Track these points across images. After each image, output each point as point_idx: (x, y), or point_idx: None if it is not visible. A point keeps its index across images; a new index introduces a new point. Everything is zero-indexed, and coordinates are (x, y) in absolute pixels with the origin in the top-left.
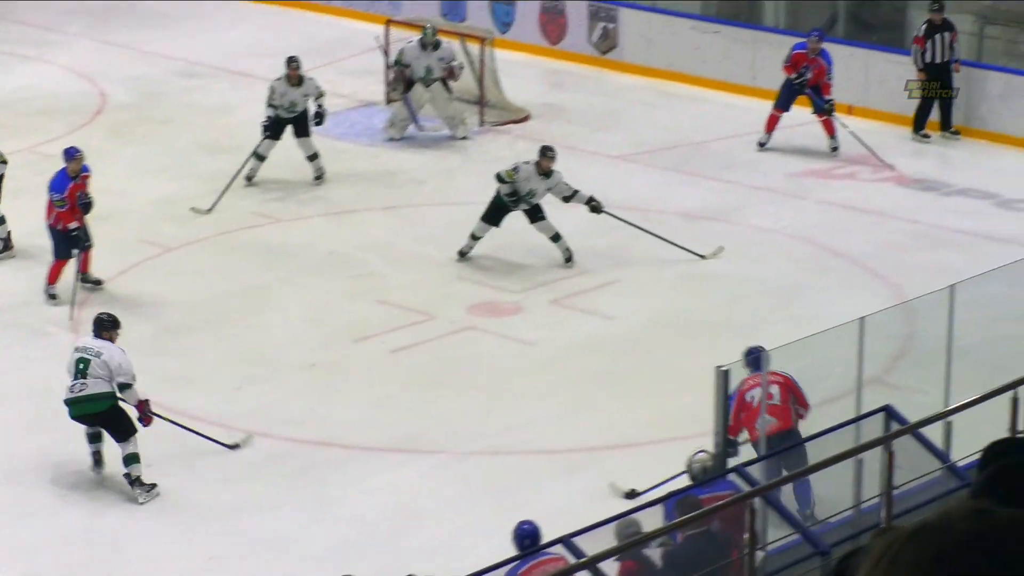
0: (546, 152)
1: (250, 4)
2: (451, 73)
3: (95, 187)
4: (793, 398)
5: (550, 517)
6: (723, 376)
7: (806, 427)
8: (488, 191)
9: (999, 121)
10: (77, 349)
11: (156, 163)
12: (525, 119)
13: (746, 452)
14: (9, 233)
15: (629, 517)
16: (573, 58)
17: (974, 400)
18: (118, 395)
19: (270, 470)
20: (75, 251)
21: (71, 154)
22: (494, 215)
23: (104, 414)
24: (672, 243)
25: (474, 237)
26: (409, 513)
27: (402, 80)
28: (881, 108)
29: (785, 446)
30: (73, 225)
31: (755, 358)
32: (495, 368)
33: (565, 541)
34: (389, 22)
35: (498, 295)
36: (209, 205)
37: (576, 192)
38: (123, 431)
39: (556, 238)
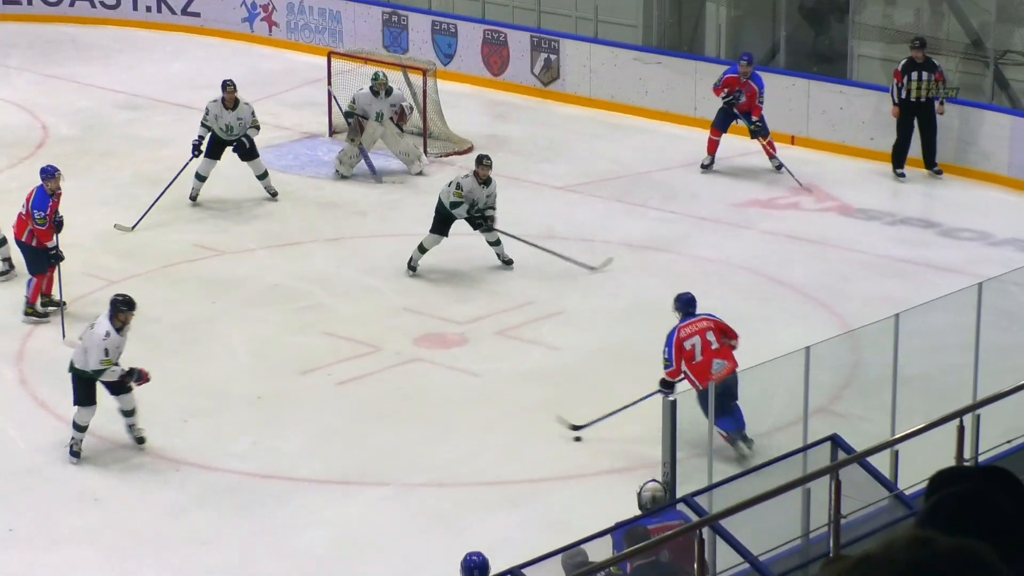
0: (482, 161)
1: (192, 36)
2: (402, 116)
3: None
4: (725, 336)
5: (498, 548)
6: (671, 406)
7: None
8: (427, 224)
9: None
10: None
11: (98, 195)
12: (468, 150)
13: (695, 425)
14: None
15: (577, 547)
16: (516, 89)
17: (920, 428)
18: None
19: (216, 503)
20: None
21: (50, 172)
22: (441, 226)
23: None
24: (564, 257)
25: (422, 249)
26: (356, 546)
27: (359, 129)
28: (823, 138)
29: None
30: (51, 243)
31: (686, 301)
32: (442, 400)
33: (514, 572)
34: (331, 54)
35: (444, 326)
36: (133, 223)
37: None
38: (116, 388)
39: (497, 243)
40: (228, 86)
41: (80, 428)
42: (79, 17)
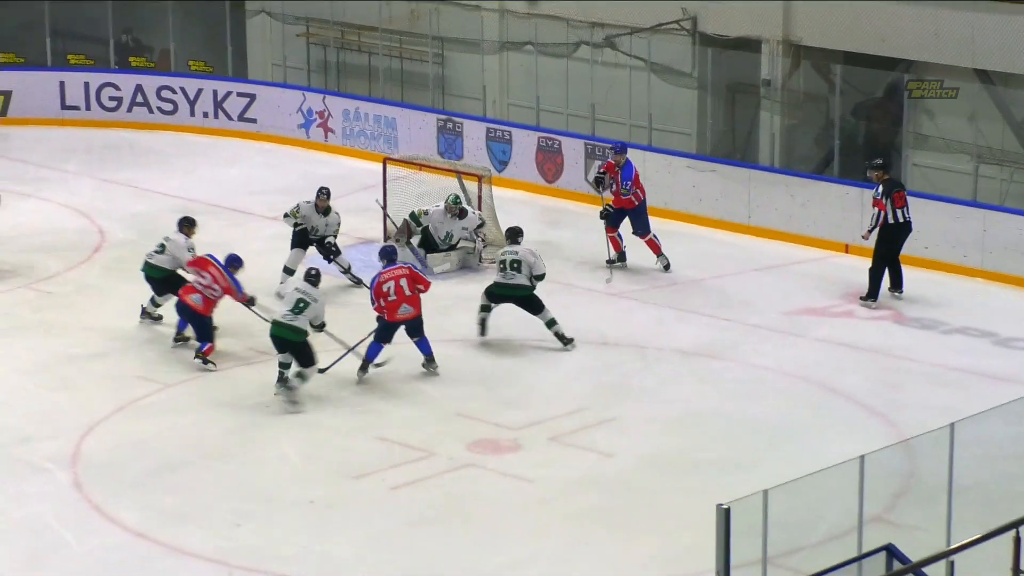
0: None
1: (248, 142)
2: (480, 238)
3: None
4: (418, 285)
5: None
6: (724, 515)
7: (806, 564)
8: (488, 327)
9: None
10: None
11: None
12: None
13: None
14: None
15: None
16: (570, 196)
17: (976, 539)
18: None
19: None
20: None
21: (239, 262)
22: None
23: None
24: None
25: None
26: None
27: (406, 231)
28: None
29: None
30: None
31: (389, 252)
32: (494, 505)
33: None
34: (386, 160)
35: (497, 432)
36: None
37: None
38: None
39: (552, 323)
40: (322, 193)
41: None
42: (137, 122)
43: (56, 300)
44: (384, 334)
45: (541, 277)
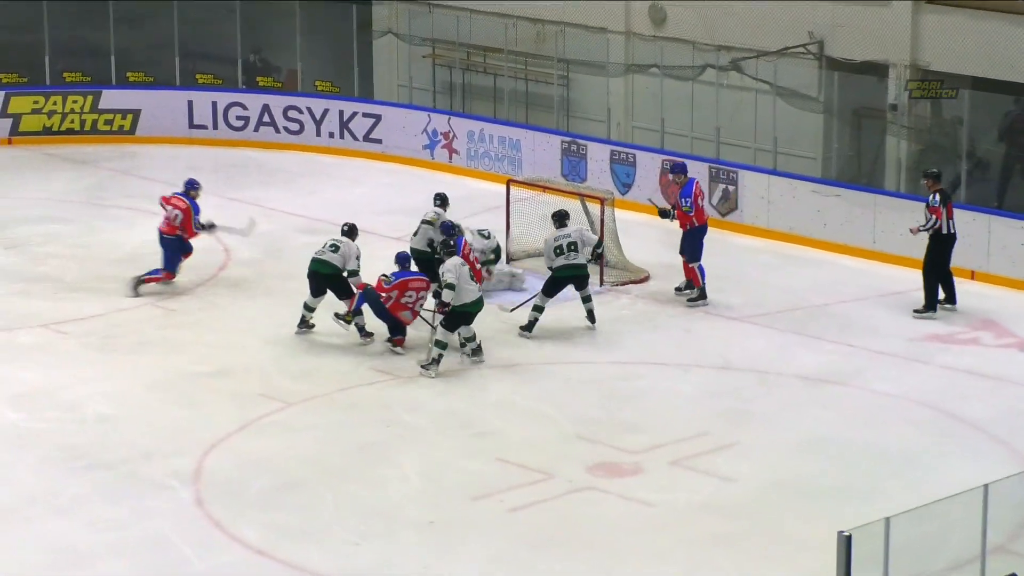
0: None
1: (373, 162)
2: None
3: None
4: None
5: None
6: (845, 542)
7: None
8: (610, 350)
9: None
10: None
11: (275, 317)
12: (645, 279)
13: None
14: None
15: None
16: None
17: None
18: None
19: None
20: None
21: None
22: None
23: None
24: None
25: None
26: None
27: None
28: (1003, 274)
29: None
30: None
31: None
32: (614, 529)
33: None
34: (510, 182)
35: (618, 455)
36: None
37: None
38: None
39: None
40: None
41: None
42: (263, 142)
43: (181, 318)
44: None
45: (599, 245)
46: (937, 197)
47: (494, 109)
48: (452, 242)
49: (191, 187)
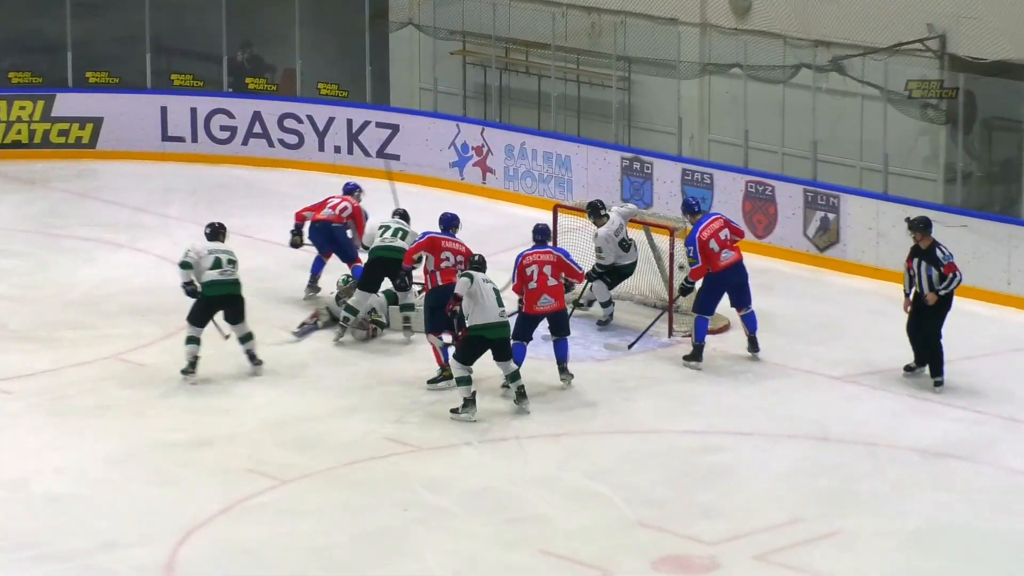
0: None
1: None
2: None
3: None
4: (563, 274)
5: None
6: None
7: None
8: (681, 415)
9: None
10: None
11: (269, 375)
12: (724, 329)
13: None
14: None
15: None
16: (784, 255)
17: None
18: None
19: None
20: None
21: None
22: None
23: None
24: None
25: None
26: None
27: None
28: None
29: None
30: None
31: (540, 230)
32: None
33: None
34: (558, 208)
35: (688, 547)
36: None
37: None
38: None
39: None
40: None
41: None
42: (254, 158)
43: (151, 374)
44: (522, 330)
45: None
46: (947, 251)
47: (538, 118)
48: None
49: (353, 190)
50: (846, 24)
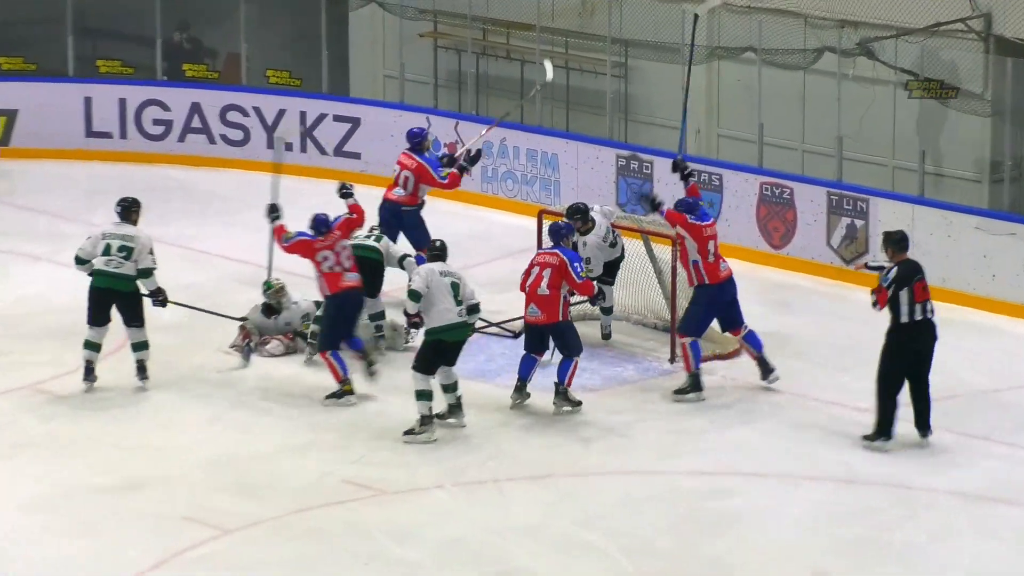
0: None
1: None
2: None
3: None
4: (565, 283)
5: None
6: None
7: None
8: (687, 453)
9: None
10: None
11: (210, 408)
12: (735, 354)
13: None
14: None
15: None
16: (805, 267)
17: None
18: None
19: None
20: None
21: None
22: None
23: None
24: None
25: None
26: None
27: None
28: None
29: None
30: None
31: (554, 229)
32: None
33: None
34: (543, 213)
35: None
36: None
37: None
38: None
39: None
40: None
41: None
42: (192, 156)
43: (73, 407)
44: (529, 341)
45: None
46: (892, 273)
47: (521, 110)
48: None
49: (415, 137)
50: (876, 1)
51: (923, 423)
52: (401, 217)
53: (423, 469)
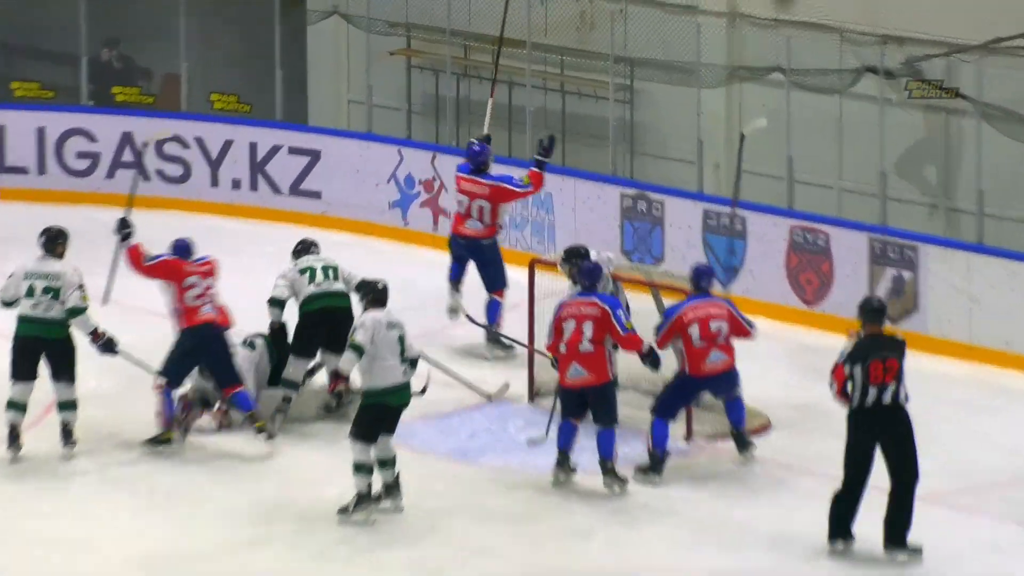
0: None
1: (305, 230)
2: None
3: None
4: (610, 336)
5: None
6: None
7: None
8: (709, 547)
9: None
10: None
11: (141, 493)
12: (763, 429)
13: None
14: None
15: None
16: (843, 327)
17: None
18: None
19: None
20: None
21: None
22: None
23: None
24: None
25: None
26: None
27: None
28: None
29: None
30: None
31: (589, 271)
32: None
33: None
34: (535, 263)
35: None
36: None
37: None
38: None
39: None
40: None
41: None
42: (122, 196)
43: None
44: (567, 405)
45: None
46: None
47: (508, 141)
48: None
49: (477, 155)
50: (923, 15)
51: (894, 535)
52: (482, 252)
53: (393, 567)
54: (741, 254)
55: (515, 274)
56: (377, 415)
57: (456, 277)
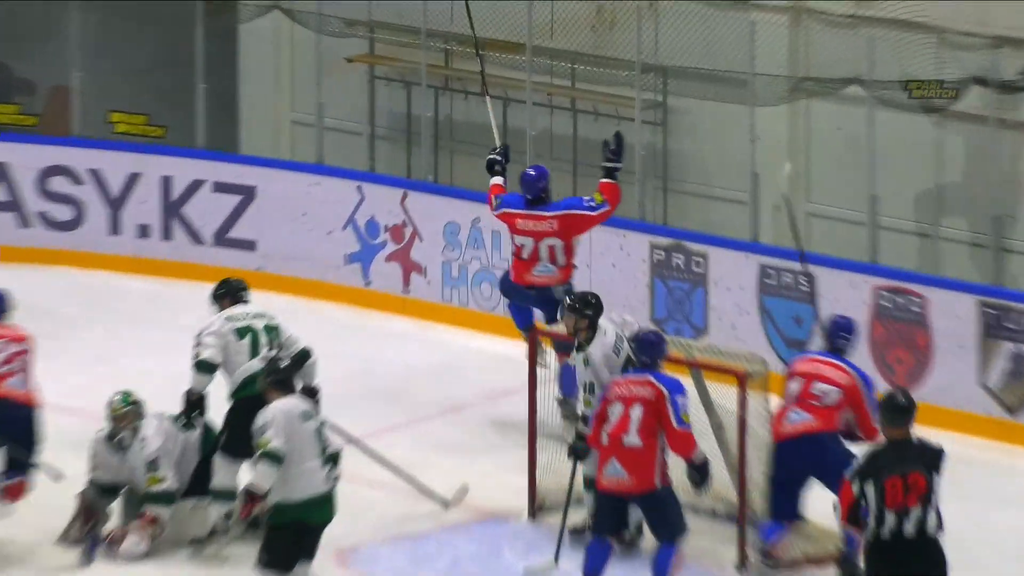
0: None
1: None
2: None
3: None
4: (660, 424)
5: None
6: None
7: None
8: None
9: None
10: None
11: None
12: (829, 558)
13: None
14: None
15: None
16: (947, 421)
17: None
18: None
19: None
20: None
21: None
22: None
23: None
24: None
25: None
26: None
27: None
28: None
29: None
30: None
31: (646, 343)
32: None
33: None
34: (535, 334)
35: None
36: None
37: None
38: None
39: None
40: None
41: None
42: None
43: None
44: (602, 517)
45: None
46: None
47: (504, 176)
48: None
49: (537, 181)
50: None
51: None
52: (557, 301)
53: None
54: (808, 323)
55: (513, 349)
56: (294, 537)
57: (529, 322)
